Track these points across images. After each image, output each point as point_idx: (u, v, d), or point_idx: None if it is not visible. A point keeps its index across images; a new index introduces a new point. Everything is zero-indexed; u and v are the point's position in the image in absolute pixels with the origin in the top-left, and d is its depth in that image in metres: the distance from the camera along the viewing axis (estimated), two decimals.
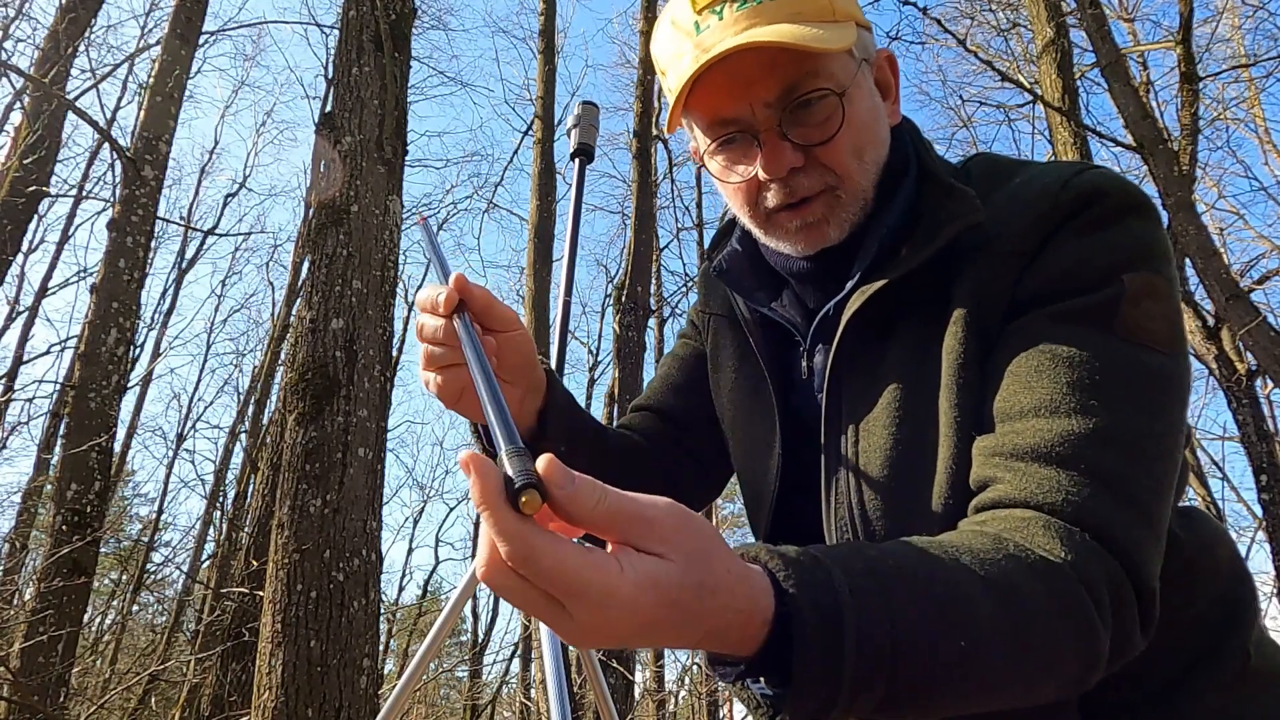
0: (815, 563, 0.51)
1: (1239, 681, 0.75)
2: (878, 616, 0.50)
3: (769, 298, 0.90)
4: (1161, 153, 5.29)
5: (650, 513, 0.46)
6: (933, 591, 0.54)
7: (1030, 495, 0.63)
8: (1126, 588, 0.61)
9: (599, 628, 0.44)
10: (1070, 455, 0.64)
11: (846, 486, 0.78)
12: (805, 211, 0.79)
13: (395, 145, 4.39)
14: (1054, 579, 0.58)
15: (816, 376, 0.85)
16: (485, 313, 0.76)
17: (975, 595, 0.55)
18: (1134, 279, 0.70)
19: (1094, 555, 0.60)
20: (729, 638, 0.49)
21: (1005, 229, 0.74)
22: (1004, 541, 0.59)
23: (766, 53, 0.73)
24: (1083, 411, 0.65)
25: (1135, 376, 0.67)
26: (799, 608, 0.49)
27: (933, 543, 0.59)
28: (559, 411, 0.87)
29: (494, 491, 0.43)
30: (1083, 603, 0.58)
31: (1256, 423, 5.92)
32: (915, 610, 0.52)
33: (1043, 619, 0.56)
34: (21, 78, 6.94)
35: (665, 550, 0.46)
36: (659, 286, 14.06)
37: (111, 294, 5.81)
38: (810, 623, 0.48)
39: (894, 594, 0.52)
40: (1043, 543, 0.60)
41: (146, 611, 14.45)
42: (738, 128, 0.78)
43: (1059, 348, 0.68)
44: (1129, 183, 0.75)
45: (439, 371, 0.76)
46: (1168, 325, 0.70)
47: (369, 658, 3.44)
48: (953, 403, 0.72)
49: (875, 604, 0.51)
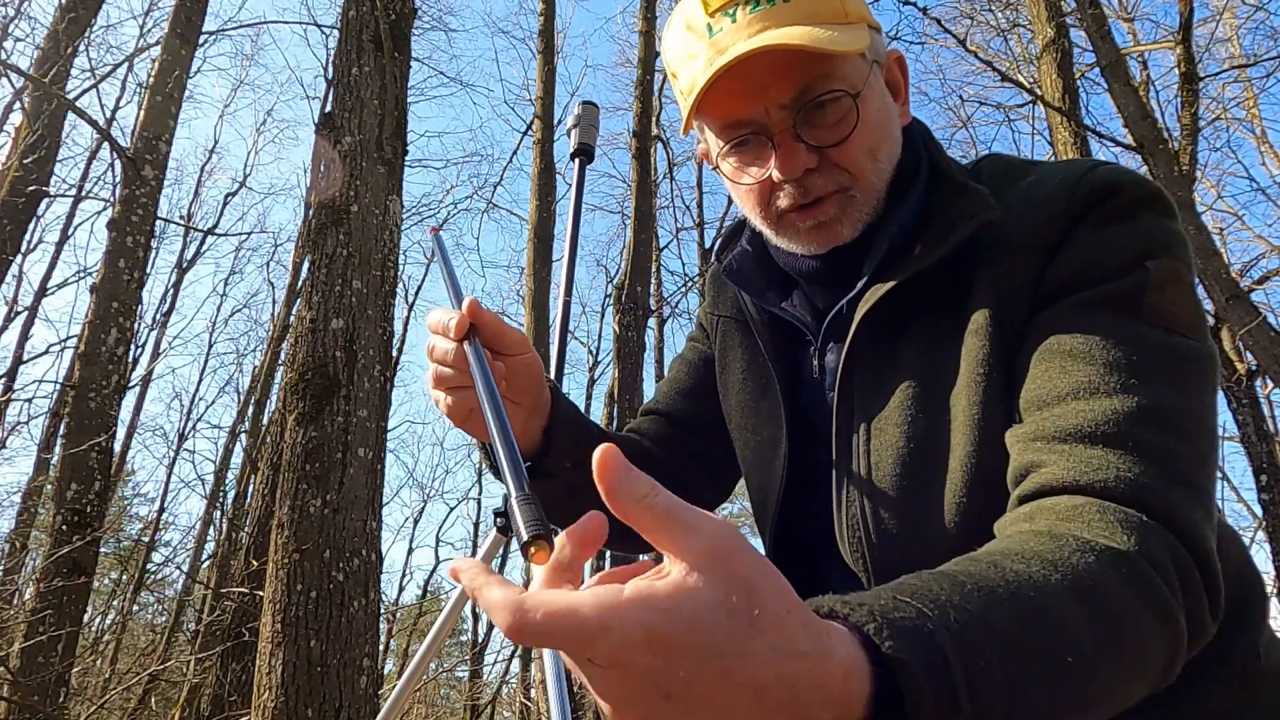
0: (895, 606, 0.44)
1: (1248, 681, 0.74)
2: (982, 652, 0.44)
3: (779, 298, 0.90)
4: (1161, 153, 5.29)
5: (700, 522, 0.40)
6: (1022, 610, 0.48)
7: (1081, 475, 0.61)
8: (1190, 564, 0.58)
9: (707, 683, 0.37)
10: (1117, 434, 0.63)
11: (858, 484, 0.78)
12: (818, 211, 0.79)
13: (395, 145, 4.39)
14: (1129, 570, 0.55)
15: (828, 375, 0.85)
16: (496, 338, 0.77)
17: (1066, 602, 0.50)
18: (1158, 265, 0.70)
19: (1155, 536, 0.58)
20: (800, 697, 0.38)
21: (1021, 226, 0.75)
22: (1063, 538, 0.56)
23: (781, 55, 0.73)
24: (1124, 390, 0.64)
25: (1168, 359, 0.67)
26: (901, 662, 0.41)
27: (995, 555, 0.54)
28: (563, 428, 0.88)
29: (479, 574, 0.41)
30: (1159, 589, 0.55)
31: (1256, 423, 5.92)
32: (1015, 635, 0.47)
33: (1131, 615, 0.53)
34: (21, 77, 6.94)
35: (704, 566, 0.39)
36: (659, 286, 14.06)
37: (111, 294, 5.81)
38: (919, 676, 0.41)
39: (988, 624, 0.46)
40: (1102, 530, 0.57)
41: (146, 611, 14.46)
42: (752, 130, 0.78)
43: (1091, 332, 0.68)
44: (1142, 177, 0.76)
45: (448, 392, 0.77)
46: (1192, 311, 0.70)
47: (369, 658, 3.44)
48: (972, 400, 0.72)
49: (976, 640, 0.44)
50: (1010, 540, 0.58)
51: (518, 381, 0.81)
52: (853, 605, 0.43)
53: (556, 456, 0.87)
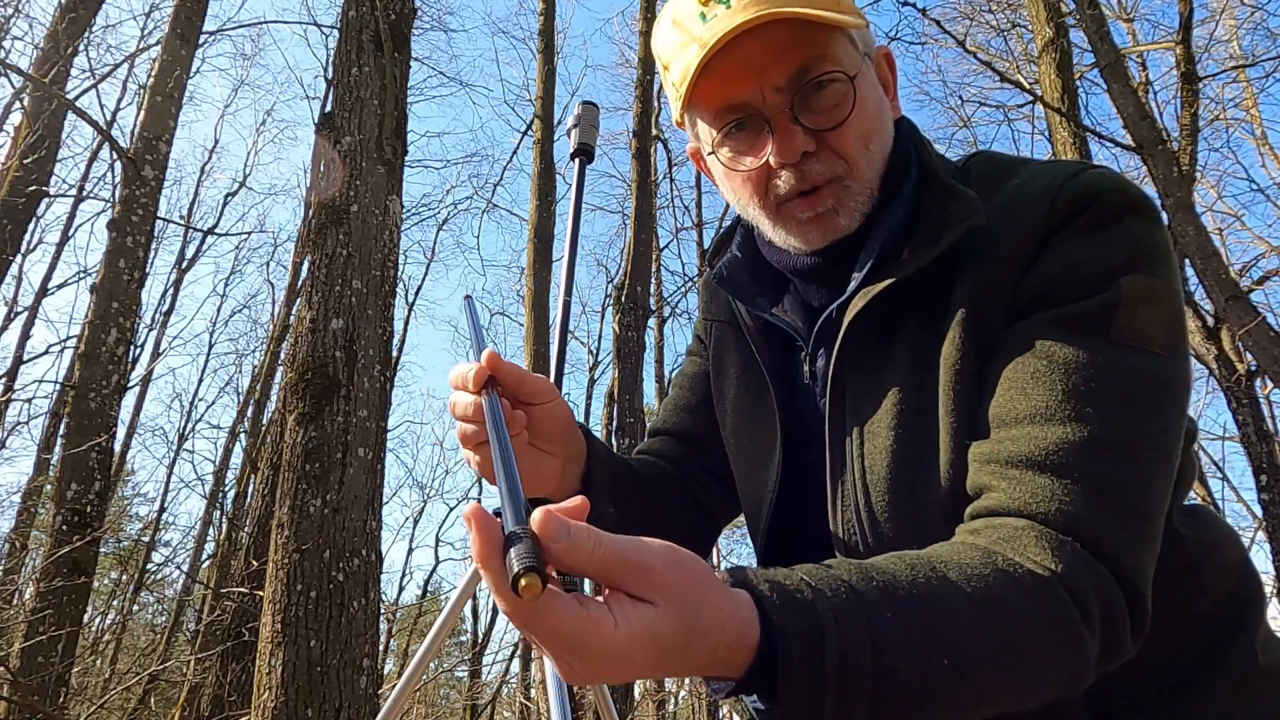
0: (801, 586, 0.53)
1: (1246, 681, 0.74)
2: (859, 639, 0.52)
3: (770, 303, 0.90)
4: (1161, 153, 5.29)
5: (643, 559, 0.48)
6: (917, 610, 0.55)
7: (1024, 505, 0.64)
8: (1116, 595, 0.62)
9: (597, 674, 0.48)
10: (1063, 464, 0.64)
11: (853, 488, 0.78)
12: (816, 201, 0.78)
13: (395, 145, 4.39)
14: (1041, 592, 0.59)
15: (819, 380, 0.84)
16: (517, 387, 0.77)
17: (962, 611, 0.56)
18: (1131, 282, 0.69)
19: (1084, 565, 0.61)
20: (719, 669, 0.51)
21: (1004, 231, 0.74)
22: (993, 555, 0.61)
23: (777, 36, 0.73)
24: (1077, 419, 0.65)
25: (1131, 381, 0.67)
26: (784, 633, 0.50)
27: (921, 558, 0.60)
28: (603, 475, 0.88)
29: (493, 554, 0.45)
30: (1069, 615, 0.59)
31: (1256, 423, 5.92)
32: (900, 630, 0.53)
33: (1029, 633, 0.58)
34: (21, 77, 6.93)
35: (657, 597, 0.48)
36: (659, 286, 14.07)
37: (111, 294, 5.81)
38: (795, 649, 0.50)
39: (877, 615, 0.53)
40: (1033, 554, 0.61)
41: (146, 611, 14.46)
42: (747, 113, 0.77)
43: (1055, 354, 0.68)
44: (1128, 182, 0.75)
45: (475, 450, 0.77)
46: (1166, 327, 0.70)
47: (369, 658, 3.44)
48: (950, 408, 0.72)
49: (858, 627, 0.52)
50: (946, 547, 0.63)
51: (545, 429, 0.80)
52: (763, 578, 0.53)
53: (598, 503, 0.85)
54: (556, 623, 0.45)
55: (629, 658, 0.46)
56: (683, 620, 0.48)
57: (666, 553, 0.49)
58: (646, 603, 0.47)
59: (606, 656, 0.46)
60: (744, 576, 0.54)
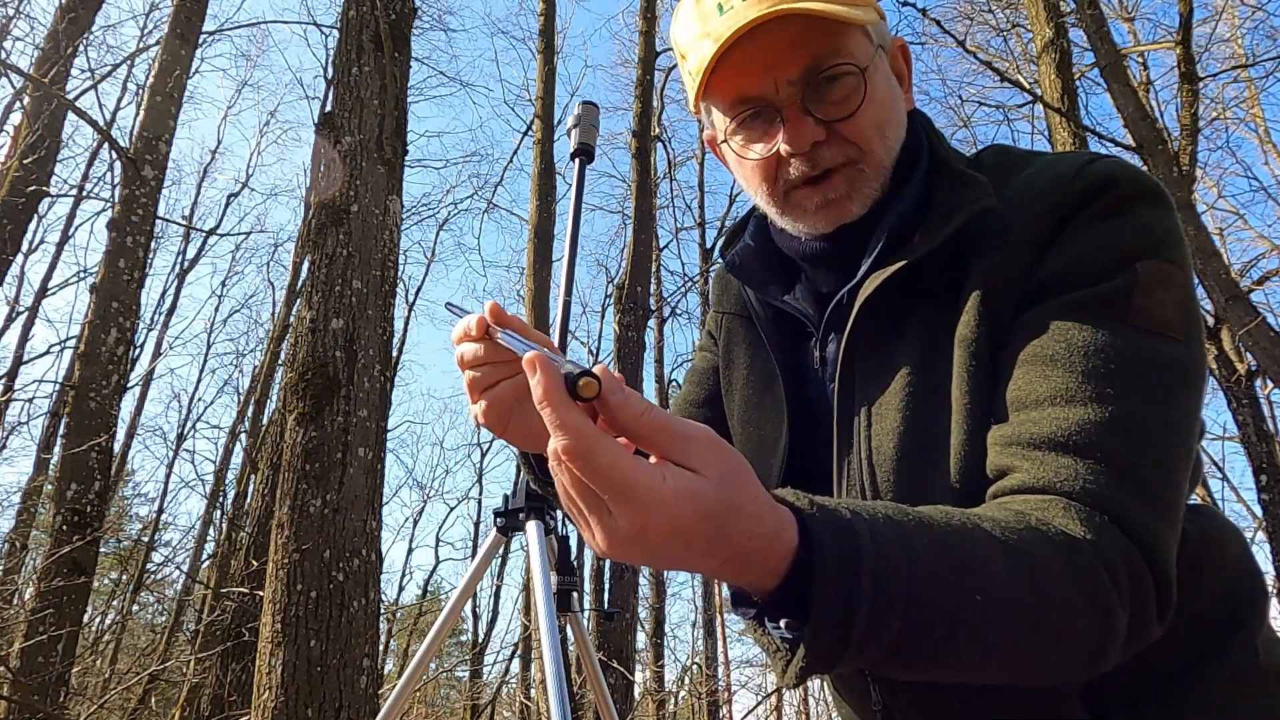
0: (839, 508, 0.53)
1: (1245, 678, 0.74)
2: (896, 562, 0.52)
3: (781, 291, 0.90)
4: (1161, 153, 5.29)
5: (690, 431, 0.49)
6: (951, 546, 0.55)
7: (1049, 483, 0.64)
8: (1144, 571, 0.61)
9: (637, 534, 0.47)
10: (1087, 444, 0.64)
11: (859, 469, 0.78)
12: (827, 187, 0.79)
13: (395, 145, 4.39)
14: (1073, 552, 0.59)
15: (829, 365, 0.85)
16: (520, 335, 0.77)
17: (995, 555, 0.56)
18: (1147, 267, 0.70)
19: (1113, 537, 0.61)
20: (752, 564, 0.50)
21: (1018, 218, 0.75)
22: (1026, 516, 0.61)
23: (791, 30, 0.74)
24: (1098, 400, 0.66)
25: (1149, 365, 0.67)
26: (821, 543, 0.50)
27: (954, 510, 0.60)
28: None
29: (557, 389, 0.46)
30: (1100, 577, 0.59)
31: (1256, 423, 5.92)
32: (933, 561, 0.53)
33: (1059, 587, 0.57)
34: (21, 77, 6.94)
35: (701, 467, 0.48)
36: (659, 286, 14.07)
37: (111, 294, 5.81)
38: (831, 559, 0.50)
39: (913, 544, 0.53)
40: (1063, 522, 0.61)
41: (146, 611, 14.46)
42: (761, 105, 0.79)
43: (1073, 338, 0.68)
44: (1141, 171, 0.75)
45: (482, 396, 0.76)
46: (1181, 312, 0.70)
47: (369, 658, 3.44)
48: (965, 390, 0.72)
49: (895, 550, 0.52)
50: (979, 507, 0.64)
51: None
52: (803, 496, 0.53)
53: None
54: (612, 459, 0.45)
55: (673, 513, 0.46)
56: (723, 492, 0.48)
57: (711, 433, 0.50)
58: (691, 470, 0.48)
59: (651, 506, 0.46)
60: (780, 492, 0.54)
